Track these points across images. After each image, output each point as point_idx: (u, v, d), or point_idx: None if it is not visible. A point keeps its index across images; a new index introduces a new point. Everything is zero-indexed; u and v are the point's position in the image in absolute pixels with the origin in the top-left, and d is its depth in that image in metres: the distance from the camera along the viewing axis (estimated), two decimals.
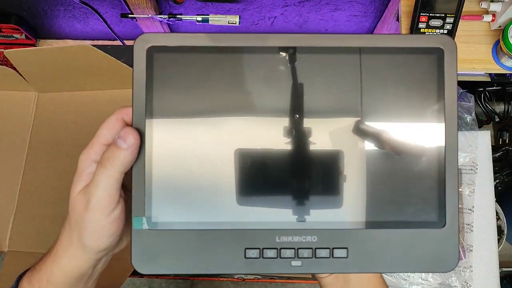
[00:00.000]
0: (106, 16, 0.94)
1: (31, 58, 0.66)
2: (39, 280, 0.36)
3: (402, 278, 0.63)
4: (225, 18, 0.82)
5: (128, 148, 0.31)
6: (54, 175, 0.72)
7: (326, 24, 0.99)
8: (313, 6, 0.91)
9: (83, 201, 0.32)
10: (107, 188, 0.32)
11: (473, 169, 0.66)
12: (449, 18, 0.68)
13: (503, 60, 0.72)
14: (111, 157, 0.31)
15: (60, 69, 0.68)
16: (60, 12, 0.95)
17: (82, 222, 0.33)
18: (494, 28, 0.74)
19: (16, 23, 0.95)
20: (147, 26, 0.92)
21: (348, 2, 0.90)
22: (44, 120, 0.76)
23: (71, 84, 0.74)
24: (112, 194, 0.32)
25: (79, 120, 0.74)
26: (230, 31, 1.03)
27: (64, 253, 0.35)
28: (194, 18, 0.83)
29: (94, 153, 0.33)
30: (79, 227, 0.33)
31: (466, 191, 0.65)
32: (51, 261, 0.36)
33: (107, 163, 0.31)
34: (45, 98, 0.77)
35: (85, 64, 0.67)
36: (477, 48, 0.73)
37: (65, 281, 0.36)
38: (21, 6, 0.93)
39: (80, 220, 0.33)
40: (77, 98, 0.76)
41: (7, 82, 0.74)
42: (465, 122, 0.69)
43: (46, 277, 0.36)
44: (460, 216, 0.64)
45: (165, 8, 0.91)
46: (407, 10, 0.74)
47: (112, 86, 0.74)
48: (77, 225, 0.33)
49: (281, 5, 0.91)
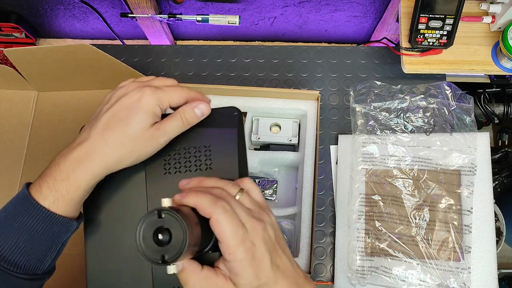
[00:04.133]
0: (106, 15, 0.94)
1: (31, 57, 0.66)
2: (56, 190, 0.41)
3: (400, 279, 0.63)
4: (225, 18, 0.82)
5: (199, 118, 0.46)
6: None
7: (326, 25, 0.99)
8: (313, 6, 0.91)
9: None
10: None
11: (472, 171, 0.66)
12: (449, 19, 0.68)
13: (503, 61, 0.72)
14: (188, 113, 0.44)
15: (59, 68, 0.68)
16: (60, 11, 0.95)
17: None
18: (494, 29, 0.74)
19: (16, 22, 0.95)
20: (147, 25, 0.92)
21: (348, 3, 0.90)
22: (44, 119, 0.76)
23: (70, 83, 0.74)
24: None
25: (78, 119, 0.74)
26: (230, 31, 1.03)
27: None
28: (194, 18, 0.83)
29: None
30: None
31: (465, 192, 0.65)
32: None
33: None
34: (45, 97, 0.77)
35: (85, 63, 0.67)
36: (476, 49, 0.74)
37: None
38: (21, 5, 0.93)
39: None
40: (77, 97, 0.76)
41: (7, 81, 0.74)
42: (464, 124, 0.69)
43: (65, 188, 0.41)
44: (459, 217, 0.64)
45: (165, 7, 0.91)
46: (407, 11, 0.74)
47: (112, 86, 0.73)
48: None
49: (281, 6, 0.91)
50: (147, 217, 0.32)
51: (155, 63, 0.82)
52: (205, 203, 0.35)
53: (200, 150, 0.46)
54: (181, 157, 0.46)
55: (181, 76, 0.81)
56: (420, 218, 0.65)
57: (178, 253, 0.31)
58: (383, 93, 0.73)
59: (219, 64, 0.82)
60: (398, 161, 0.68)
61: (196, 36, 1.06)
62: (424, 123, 0.70)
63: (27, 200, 0.40)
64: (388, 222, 0.66)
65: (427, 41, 0.70)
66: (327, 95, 0.78)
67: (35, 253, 0.40)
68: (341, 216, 0.69)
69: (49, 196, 0.40)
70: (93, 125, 0.43)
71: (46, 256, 0.41)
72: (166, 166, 0.46)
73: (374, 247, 0.66)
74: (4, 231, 0.40)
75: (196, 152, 0.46)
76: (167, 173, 0.46)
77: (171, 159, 0.46)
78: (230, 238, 0.34)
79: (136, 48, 0.84)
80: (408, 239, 0.65)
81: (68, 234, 0.43)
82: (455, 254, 0.63)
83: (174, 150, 0.46)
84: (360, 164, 0.69)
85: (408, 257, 0.64)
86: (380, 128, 0.71)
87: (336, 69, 0.80)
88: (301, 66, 0.81)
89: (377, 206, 0.67)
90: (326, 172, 0.73)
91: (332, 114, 0.77)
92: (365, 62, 0.80)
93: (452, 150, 0.67)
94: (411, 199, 0.66)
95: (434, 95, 0.71)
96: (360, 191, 0.68)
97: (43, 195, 0.41)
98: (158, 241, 0.31)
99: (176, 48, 0.83)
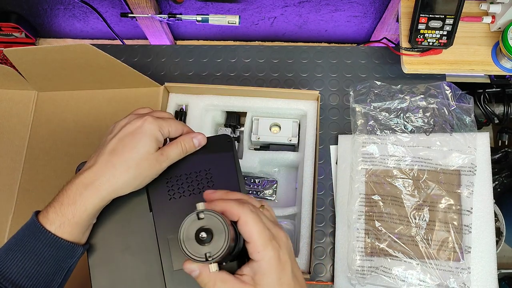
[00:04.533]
0: (106, 15, 0.94)
1: (31, 57, 0.66)
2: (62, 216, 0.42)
3: (400, 279, 0.63)
4: (225, 18, 0.82)
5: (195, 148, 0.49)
6: (53, 174, 0.72)
7: (326, 25, 0.99)
8: (313, 6, 0.91)
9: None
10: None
11: (471, 171, 0.66)
12: (449, 19, 0.68)
13: (503, 61, 0.72)
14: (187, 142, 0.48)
15: (59, 68, 0.68)
16: (60, 11, 0.95)
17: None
18: (494, 29, 0.74)
19: (16, 22, 0.95)
20: (147, 25, 0.92)
21: (348, 3, 0.90)
22: (43, 119, 0.76)
23: (70, 83, 0.74)
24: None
25: (78, 119, 0.74)
26: (230, 31, 1.03)
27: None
28: (194, 18, 0.83)
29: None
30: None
31: (464, 192, 0.65)
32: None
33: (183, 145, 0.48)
34: (45, 97, 0.77)
35: (85, 63, 0.67)
36: (476, 49, 0.73)
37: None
38: (21, 5, 0.93)
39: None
40: (77, 97, 0.76)
41: (7, 81, 0.74)
42: (464, 124, 0.68)
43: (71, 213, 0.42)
44: (458, 217, 0.64)
45: (165, 7, 0.91)
46: (407, 11, 0.74)
47: (112, 85, 0.74)
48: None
49: (281, 6, 0.91)
50: (187, 219, 0.34)
51: (155, 63, 0.82)
52: (233, 206, 0.37)
53: (201, 175, 0.48)
54: (184, 182, 0.48)
55: (181, 76, 0.81)
56: (420, 218, 0.65)
57: (222, 249, 0.33)
58: (383, 93, 0.73)
59: (219, 64, 0.82)
60: (398, 161, 0.68)
61: (196, 36, 1.06)
62: (424, 123, 0.70)
63: (35, 225, 0.42)
64: (388, 222, 0.66)
65: (427, 41, 0.70)
66: (327, 95, 0.78)
67: (41, 277, 0.41)
68: (341, 216, 0.69)
69: (56, 221, 0.42)
70: (100, 153, 0.45)
71: (52, 281, 0.43)
72: (170, 192, 0.48)
73: (374, 247, 0.66)
74: (13, 255, 0.41)
75: (198, 177, 0.48)
76: (172, 198, 0.48)
77: (174, 185, 0.48)
78: (258, 237, 0.36)
79: (136, 48, 0.84)
80: (408, 239, 0.65)
81: (74, 259, 0.44)
82: (455, 254, 0.63)
83: (176, 176, 0.48)
84: (360, 164, 0.69)
85: (408, 257, 0.64)
86: (380, 128, 0.71)
87: (336, 69, 0.80)
88: (301, 66, 0.81)
89: (377, 206, 0.67)
90: (326, 172, 0.73)
91: (332, 114, 0.77)
92: (365, 62, 0.80)
93: (452, 150, 0.67)
94: (411, 199, 0.66)
95: (434, 95, 0.71)
96: (360, 191, 0.68)
97: (50, 220, 0.42)
98: (201, 240, 0.33)
99: (176, 48, 0.83)
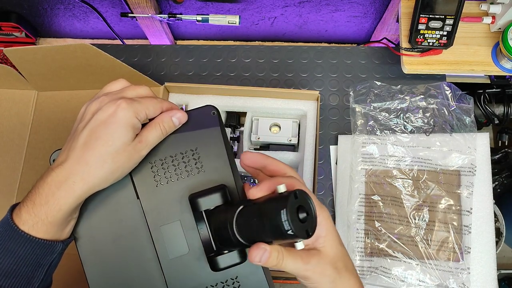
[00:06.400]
0: (106, 15, 0.94)
1: (31, 57, 0.66)
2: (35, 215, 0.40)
3: (400, 279, 0.63)
4: (225, 18, 0.82)
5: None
6: None
7: (326, 25, 0.99)
8: (313, 6, 0.91)
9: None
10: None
11: (471, 171, 0.66)
12: (449, 19, 0.68)
13: (503, 62, 0.72)
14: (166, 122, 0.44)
15: (59, 67, 0.68)
16: (60, 10, 0.95)
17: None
18: (494, 30, 0.74)
19: (16, 21, 0.95)
20: (147, 25, 0.92)
21: (348, 3, 0.90)
22: (43, 118, 0.76)
23: (70, 82, 0.74)
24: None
25: None
26: (230, 31, 1.03)
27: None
28: (194, 17, 0.83)
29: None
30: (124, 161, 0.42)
31: (464, 192, 0.65)
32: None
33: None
34: (45, 97, 0.77)
35: (85, 63, 0.67)
36: (476, 50, 0.73)
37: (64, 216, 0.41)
38: (22, 5, 0.93)
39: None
40: (76, 96, 0.76)
41: (7, 81, 0.74)
42: (464, 124, 0.69)
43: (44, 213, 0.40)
44: (458, 218, 0.64)
45: (165, 7, 0.91)
46: (407, 12, 0.74)
47: None
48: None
49: (281, 6, 0.91)
50: (288, 201, 0.34)
51: (155, 63, 0.82)
52: (302, 185, 0.40)
53: (188, 155, 0.45)
54: (170, 166, 0.45)
55: (181, 76, 0.81)
56: (420, 219, 0.65)
57: (315, 224, 0.36)
58: (383, 94, 0.73)
59: (219, 64, 0.82)
60: (398, 161, 0.68)
61: (196, 36, 1.06)
62: (424, 123, 0.70)
63: (8, 224, 0.40)
64: (388, 222, 0.66)
65: (427, 42, 0.70)
66: (327, 95, 0.78)
67: (21, 276, 0.40)
68: (341, 216, 0.69)
69: (29, 221, 0.40)
70: (71, 146, 0.41)
71: (33, 278, 0.41)
72: (156, 178, 0.45)
73: (374, 247, 0.66)
74: None
75: (184, 158, 0.45)
76: (159, 184, 0.45)
77: (159, 169, 0.45)
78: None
79: (136, 48, 0.84)
80: (408, 239, 0.65)
81: (54, 255, 0.42)
82: (454, 254, 0.63)
83: (160, 160, 0.45)
84: (359, 164, 0.69)
85: (408, 258, 0.64)
86: (380, 128, 0.71)
87: (336, 69, 0.80)
88: (301, 66, 0.81)
89: (376, 206, 0.67)
90: (326, 172, 0.73)
91: (332, 114, 0.77)
92: (365, 62, 0.80)
93: (452, 151, 0.67)
94: (410, 199, 0.66)
95: (434, 95, 0.71)
96: (359, 191, 0.68)
97: (23, 220, 0.40)
98: (300, 219, 0.35)
99: (176, 48, 0.83)
